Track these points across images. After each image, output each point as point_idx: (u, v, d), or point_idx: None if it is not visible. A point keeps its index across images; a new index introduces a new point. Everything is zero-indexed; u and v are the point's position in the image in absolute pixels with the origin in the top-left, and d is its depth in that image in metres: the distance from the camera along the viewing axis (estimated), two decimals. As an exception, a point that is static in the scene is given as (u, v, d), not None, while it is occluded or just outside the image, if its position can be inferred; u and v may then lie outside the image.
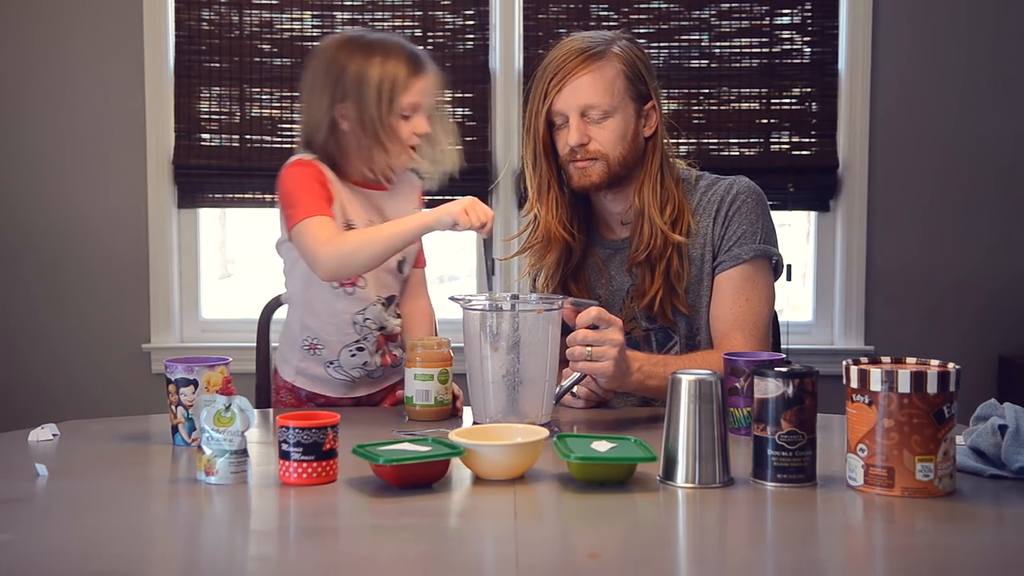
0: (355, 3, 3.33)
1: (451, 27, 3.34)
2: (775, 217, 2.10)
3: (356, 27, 3.30)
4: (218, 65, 3.33)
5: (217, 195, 3.38)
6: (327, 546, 1.27)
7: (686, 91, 3.33)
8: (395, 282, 2.09)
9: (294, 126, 3.29)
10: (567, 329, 1.78)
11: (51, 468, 1.53)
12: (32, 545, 1.26)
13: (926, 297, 3.37)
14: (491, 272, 1.93)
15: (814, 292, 3.45)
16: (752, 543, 1.33)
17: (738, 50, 3.34)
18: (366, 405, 2.10)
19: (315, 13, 3.33)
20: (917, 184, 3.35)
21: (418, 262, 2.16)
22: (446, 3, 3.33)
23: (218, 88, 3.33)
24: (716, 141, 3.35)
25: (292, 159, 2.00)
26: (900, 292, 3.37)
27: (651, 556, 1.25)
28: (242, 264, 3.71)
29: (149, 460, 1.67)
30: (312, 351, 2.05)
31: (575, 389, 1.93)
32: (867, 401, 1.41)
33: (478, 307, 1.76)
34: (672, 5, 3.33)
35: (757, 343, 1.99)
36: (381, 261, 1.95)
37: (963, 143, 3.34)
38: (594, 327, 1.74)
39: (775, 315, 2.22)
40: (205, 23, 3.32)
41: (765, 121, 3.34)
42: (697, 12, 3.33)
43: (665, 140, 2.07)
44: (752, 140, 3.35)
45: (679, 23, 3.33)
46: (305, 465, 1.45)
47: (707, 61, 3.34)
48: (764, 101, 3.34)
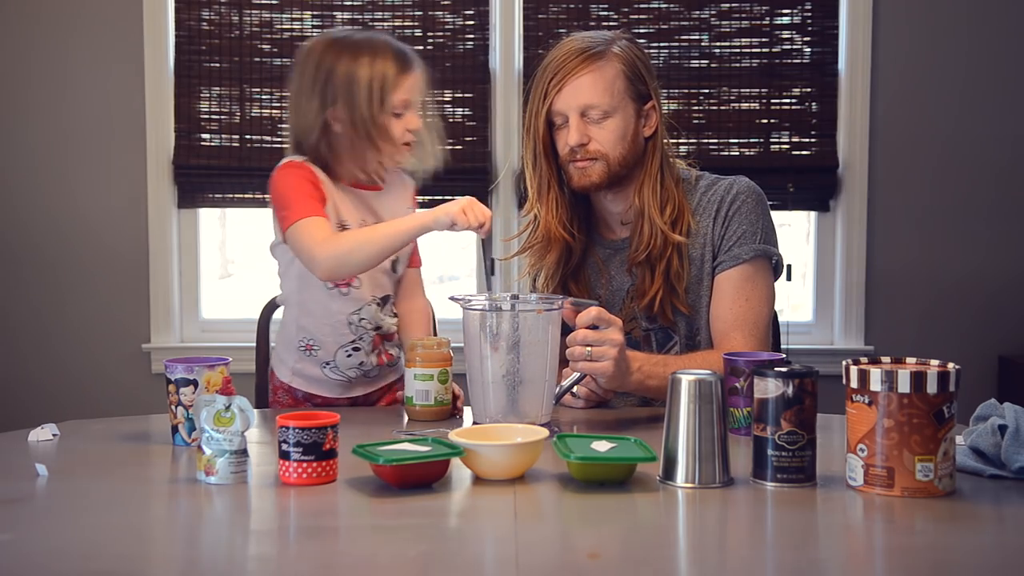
0: (355, 3, 3.33)
1: (451, 27, 3.34)
2: (775, 217, 2.10)
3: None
4: (218, 65, 3.33)
5: (217, 195, 3.38)
6: (327, 546, 1.27)
7: (686, 91, 3.33)
8: (389, 282, 2.09)
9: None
10: (567, 329, 1.78)
11: (51, 468, 1.53)
12: (32, 545, 1.26)
13: (926, 297, 3.37)
14: (491, 272, 1.93)
15: (814, 292, 3.45)
16: (752, 543, 1.33)
17: (738, 50, 3.34)
18: (363, 405, 2.10)
19: (315, 13, 3.33)
20: (917, 184, 3.35)
21: (413, 262, 2.16)
22: (446, 3, 3.33)
23: (218, 88, 3.33)
24: (716, 141, 3.35)
25: (283, 161, 2.00)
26: (900, 292, 3.37)
27: (651, 556, 1.25)
28: (242, 264, 3.70)
29: (149, 460, 1.67)
30: (308, 352, 2.05)
31: (575, 389, 1.93)
32: (867, 401, 1.41)
33: (478, 307, 1.76)
34: (672, 5, 3.33)
35: (757, 343, 1.99)
36: (379, 261, 1.95)
37: (963, 143, 3.34)
38: (594, 327, 1.74)
39: (775, 315, 2.22)
40: (205, 23, 3.32)
41: (765, 121, 3.34)
42: (697, 12, 3.33)
43: (665, 140, 2.07)
44: (752, 140, 3.35)
45: (679, 23, 3.33)
46: (305, 465, 1.45)
47: (707, 61, 3.34)
48: (764, 101, 3.34)
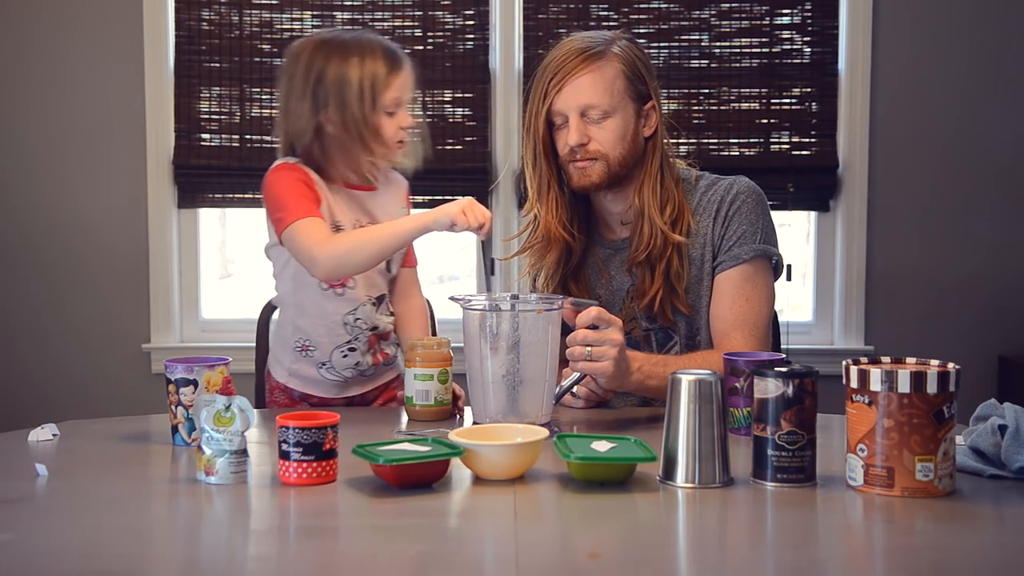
0: (355, 3, 3.33)
1: (451, 27, 3.34)
2: (775, 217, 2.10)
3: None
4: (218, 65, 3.33)
5: (217, 195, 3.38)
6: (327, 546, 1.27)
7: (686, 91, 3.33)
8: (384, 281, 2.09)
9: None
10: (567, 329, 1.78)
11: (51, 468, 1.53)
12: (32, 545, 1.26)
13: (926, 297, 3.37)
14: (491, 272, 1.93)
15: (814, 292, 3.45)
16: (752, 543, 1.33)
17: (738, 50, 3.33)
18: (359, 404, 2.10)
19: (315, 13, 3.33)
20: (917, 184, 3.35)
21: (408, 261, 2.16)
22: (446, 3, 3.33)
23: (218, 88, 3.33)
24: (716, 141, 3.35)
25: (276, 163, 1.99)
26: (900, 292, 3.37)
27: (651, 556, 1.24)
28: (242, 264, 3.70)
29: (149, 460, 1.67)
30: (304, 352, 2.05)
31: (575, 389, 1.93)
32: (867, 401, 1.41)
33: (478, 307, 1.76)
34: (672, 5, 3.33)
35: (757, 343, 1.99)
36: (378, 261, 1.95)
37: (963, 143, 3.34)
38: (594, 327, 1.74)
39: (775, 315, 2.22)
40: (205, 23, 3.32)
41: (765, 121, 3.34)
42: (697, 12, 3.33)
43: (665, 140, 2.07)
44: (752, 140, 3.35)
45: (679, 23, 3.33)
46: (305, 465, 1.45)
47: (707, 61, 3.34)
48: (764, 101, 3.34)
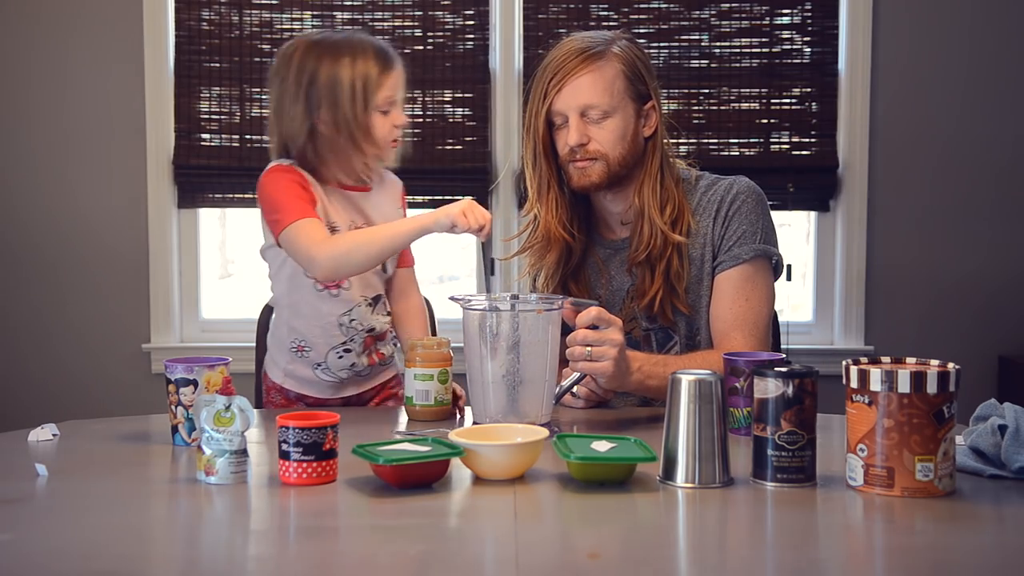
0: (355, 3, 3.33)
1: (451, 27, 3.34)
2: (775, 217, 2.10)
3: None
4: (218, 65, 3.33)
5: (217, 195, 3.38)
6: (327, 546, 1.27)
7: (686, 91, 3.33)
8: (380, 282, 2.08)
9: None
10: (567, 329, 1.78)
11: (51, 468, 1.53)
12: (32, 545, 1.26)
13: (926, 297, 3.37)
14: (491, 272, 1.93)
15: (814, 292, 3.45)
16: (752, 543, 1.33)
17: (738, 50, 3.34)
18: (355, 404, 2.10)
19: (315, 13, 3.33)
20: (917, 184, 3.35)
21: (405, 261, 2.15)
22: (446, 3, 3.33)
23: (218, 88, 3.33)
24: (716, 141, 3.35)
25: (270, 165, 1.99)
26: (900, 292, 3.37)
27: (651, 556, 1.24)
28: (242, 264, 3.70)
29: (149, 460, 1.67)
30: (300, 353, 2.05)
31: (575, 389, 1.92)
32: (867, 401, 1.41)
33: (478, 307, 1.76)
34: (672, 5, 3.33)
35: (757, 343, 1.99)
36: (378, 262, 1.96)
37: (963, 143, 3.34)
38: (594, 327, 1.74)
39: (775, 315, 2.22)
40: (205, 23, 3.32)
41: (765, 121, 3.34)
42: (697, 12, 3.33)
43: (665, 140, 2.07)
44: (752, 140, 3.35)
45: (679, 23, 3.33)
46: (305, 465, 1.45)
47: (707, 61, 3.34)
48: (764, 101, 3.34)
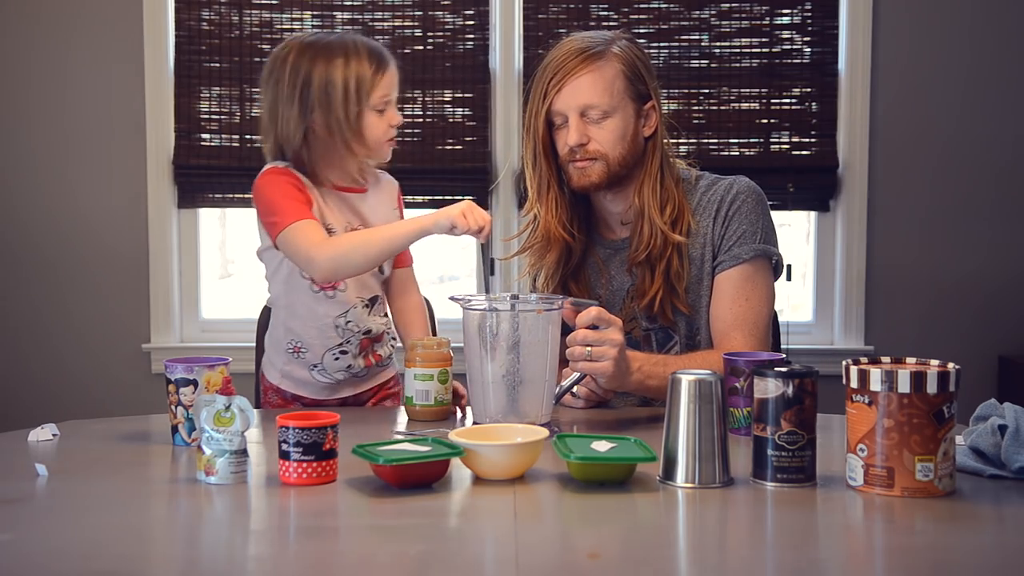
0: (355, 3, 3.33)
1: (451, 27, 3.34)
2: (775, 217, 2.10)
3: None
4: (218, 65, 3.33)
5: (217, 195, 3.38)
6: (327, 546, 1.27)
7: (686, 91, 3.33)
8: (376, 283, 2.08)
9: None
10: (567, 329, 1.78)
11: (51, 468, 1.53)
12: (32, 545, 1.26)
13: (926, 297, 3.37)
14: (490, 272, 1.93)
15: (814, 292, 3.45)
16: (752, 543, 1.33)
17: (738, 50, 3.34)
18: (352, 405, 2.10)
19: (315, 13, 3.33)
20: (917, 184, 3.35)
21: (402, 261, 2.15)
22: (446, 3, 3.33)
23: (218, 88, 3.33)
24: (716, 141, 3.35)
25: (265, 168, 1.99)
26: (900, 292, 3.37)
27: (651, 556, 1.24)
28: (242, 264, 3.70)
29: (149, 460, 1.67)
30: (296, 354, 2.04)
31: (575, 389, 1.92)
32: (867, 401, 1.41)
33: (478, 307, 1.76)
34: (672, 5, 3.33)
35: (757, 343, 1.99)
36: (377, 263, 1.96)
37: (963, 143, 3.34)
38: (594, 327, 1.74)
39: (775, 315, 2.22)
40: (205, 23, 3.33)
41: (765, 121, 3.34)
42: (697, 12, 3.33)
43: (665, 140, 2.07)
44: (752, 140, 3.35)
45: (679, 23, 3.33)
46: (305, 465, 1.45)
47: (707, 61, 3.34)
48: (764, 101, 3.34)
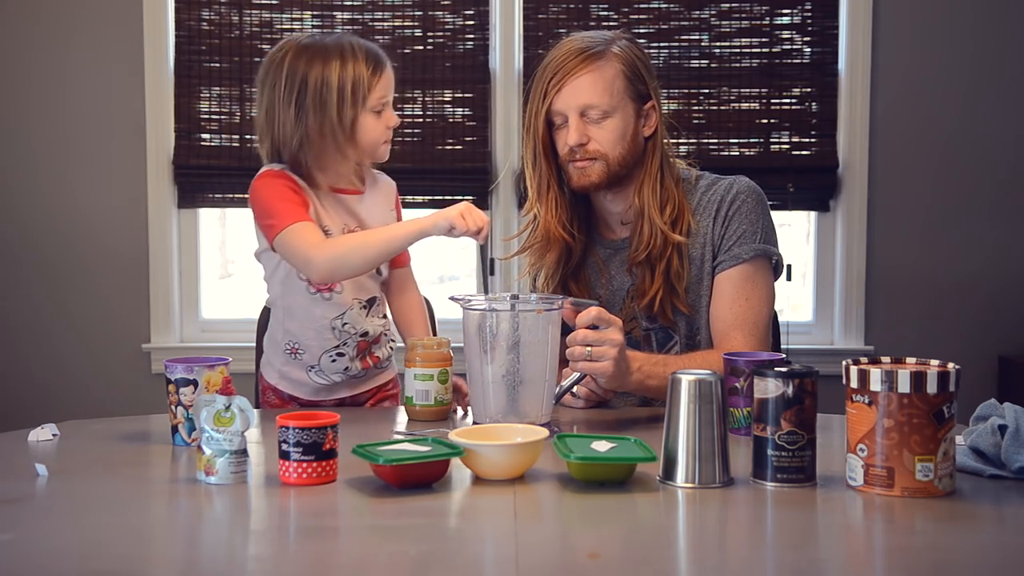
0: (355, 3, 3.33)
1: (451, 27, 3.34)
2: (775, 217, 2.10)
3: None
4: (218, 65, 3.33)
5: (217, 195, 3.38)
6: (327, 546, 1.27)
7: (686, 91, 3.33)
8: (374, 284, 2.07)
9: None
10: (567, 329, 1.78)
11: (51, 468, 1.53)
12: (32, 545, 1.26)
13: (926, 297, 3.37)
14: (490, 272, 1.93)
15: (814, 292, 3.45)
16: (752, 543, 1.33)
17: (738, 50, 3.34)
18: (350, 406, 2.10)
19: (315, 13, 3.33)
20: (917, 184, 3.35)
21: (400, 261, 2.14)
22: (446, 3, 3.33)
23: (218, 88, 3.33)
24: (716, 141, 3.35)
25: (262, 170, 1.98)
26: (900, 292, 3.37)
27: (651, 556, 1.24)
28: (242, 264, 3.70)
29: (149, 460, 1.67)
30: (294, 355, 2.04)
31: (575, 389, 1.92)
32: (867, 401, 1.41)
33: (478, 307, 1.76)
34: (672, 5, 3.33)
35: (757, 343, 1.99)
36: (375, 265, 1.96)
37: (963, 143, 3.34)
38: (594, 327, 1.74)
39: (775, 315, 2.22)
40: (205, 23, 3.33)
41: (765, 121, 3.34)
42: (697, 12, 3.33)
43: (665, 140, 2.07)
44: (752, 140, 3.35)
45: (679, 23, 3.33)
46: (305, 465, 1.45)
47: (707, 61, 3.34)
48: (764, 101, 3.34)
